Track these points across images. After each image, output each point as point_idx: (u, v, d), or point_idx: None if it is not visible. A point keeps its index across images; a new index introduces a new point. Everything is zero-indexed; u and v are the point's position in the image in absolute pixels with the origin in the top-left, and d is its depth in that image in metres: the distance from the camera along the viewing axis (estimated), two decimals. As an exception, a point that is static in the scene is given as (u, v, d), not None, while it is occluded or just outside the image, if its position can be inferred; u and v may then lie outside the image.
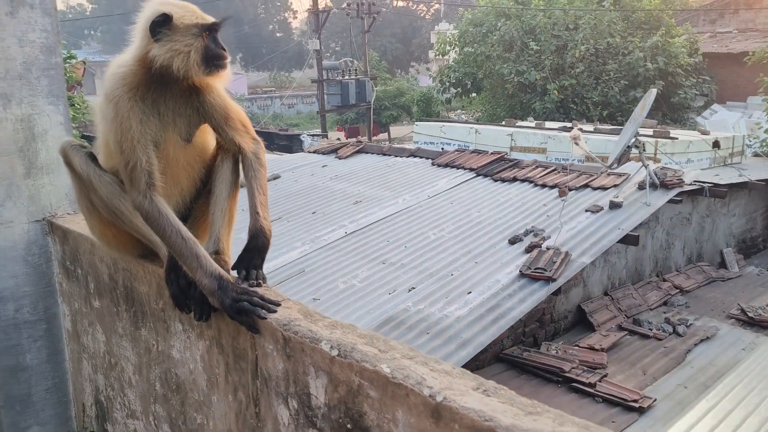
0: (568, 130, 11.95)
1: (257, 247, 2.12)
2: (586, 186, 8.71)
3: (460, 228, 8.00)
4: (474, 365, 6.09)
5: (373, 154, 11.80)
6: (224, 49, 2.11)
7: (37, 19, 2.84)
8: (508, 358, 6.48)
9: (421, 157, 11.10)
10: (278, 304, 1.91)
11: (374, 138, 30.90)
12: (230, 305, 1.92)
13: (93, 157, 2.25)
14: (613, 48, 21.35)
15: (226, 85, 2.21)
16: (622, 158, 8.34)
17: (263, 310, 1.87)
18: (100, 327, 2.77)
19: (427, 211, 8.66)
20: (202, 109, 2.18)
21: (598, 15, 21.51)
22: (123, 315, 2.57)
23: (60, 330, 3.07)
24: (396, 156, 11.41)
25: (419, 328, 5.93)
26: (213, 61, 2.07)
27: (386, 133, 35.87)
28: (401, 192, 9.47)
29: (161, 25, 2.02)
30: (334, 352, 1.62)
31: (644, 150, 8.39)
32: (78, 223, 2.91)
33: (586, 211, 7.95)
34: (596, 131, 11.94)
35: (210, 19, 2.12)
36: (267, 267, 2.29)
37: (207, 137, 2.27)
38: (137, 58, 2.08)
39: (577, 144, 7.88)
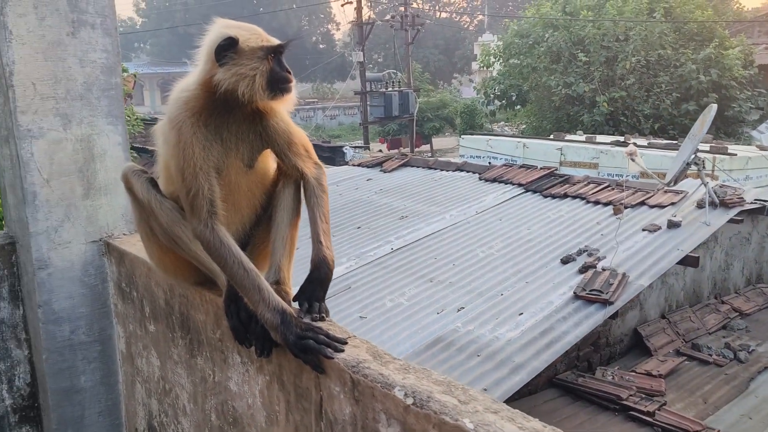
0: (620, 144, 11.62)
1: (320, 278, 2.02)
2: (642, 204, 8.40)
3: (509, 246, 7.80)
4: (527, 390, 5.88)
5: (418, 167, 11.69)
6: (289, 72, 2.04)
7: (98, 39, 2.82)
8: (562, 383, 6.24)
9: (467, 172, 10.94)
10: (345, 342, 1.80)
11: (416, 149, 30.81)
12: (294, 342, 1.81)
13: (154, 183, 2.16)
14: (665, 60, 20.81)
15: (290, 109, 2.14)
16: (680, 175, 8.02)
17: (329, 349, 1.76)
18: (155, 351, 2.71)
19: (474, 228, 8.49)
20: (266, 134, 2.11)
21: (649, 26, 21.02)
22: (178, 342, 2.50)
23: (114, 352, 3.03)
24: (442, 170, 11.27)
25: (469, 350, 5.76)
26: (278, 85, 2.01)
27: (428, 145, 35.75)
28: (448, 207, 9.32)
29: (227, 48, 1.97)
30: (409, 401, 1.50)
31: (704, 167, 8.06)
32: (134, 245, 2.86)
33: (643, 230, 7.65)
34: (650, 146, 11.57)
35: (275, 41, 2.05)
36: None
37: (268, 162, 2.19)
38: (201, 82, 2.01)
39: (633, 160, 7.60)
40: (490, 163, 11.26)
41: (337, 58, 56.44)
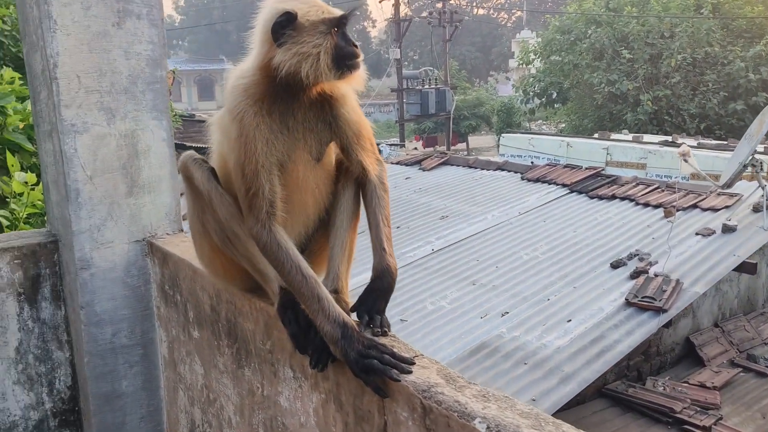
0: (669, 144, 11.20)
1: (382, 288, 1.83)
2: (694, 206, 8.04)
3: (555, 248, 7.53)
4: (574, 400, 5.62)
5: (458, 166, 11.45)
6: (356, 46, 1.80)
7: (143, 30, 2.70)
8: (611, 393, 5.97)
9: (509, 171, 10.66)
10: (412, 363, 1.62)
11: (452, 148, 30.49)
12: (355, 360, 1.64)
13: (215, 174, 1.97)
14: (712, 57, 20.13)
15: (360, 88, 1.91)
16: (736, 178, 7.64)
17: (395, 371, 1.58)
18: (199, 358, 2.58)
19: (518, 229, 8.23)
20: (335, 124, 1.89)
21: (696, 23, 20.35)
22: (224, 350, 2.36)
23: (156, 356, 2.91)
24: (483, 169, 11.01)
25: (515, 357, 5.53)
26: (345, 61, 1.78)
27: (464, 143, 35.39)
28: (490, 207, 9.07)
29: (284, 25, 1.75)
30: (492, 436, 1.31)
31: (762, 169, 7.66)
32: (177, 246, 2.74)
33: (697, 234, 7.31)
34: (700, 146, 11.12)
35: (337, 12, 1.81)
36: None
37: (332, 156, 1.99)
38: (259, 67, 1.81)
39: (686, 161, 7.27)
40: (532, 162, 10.97)
41: (373, 56, 56.33)
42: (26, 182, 4.04)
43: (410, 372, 1.58)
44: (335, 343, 1.68)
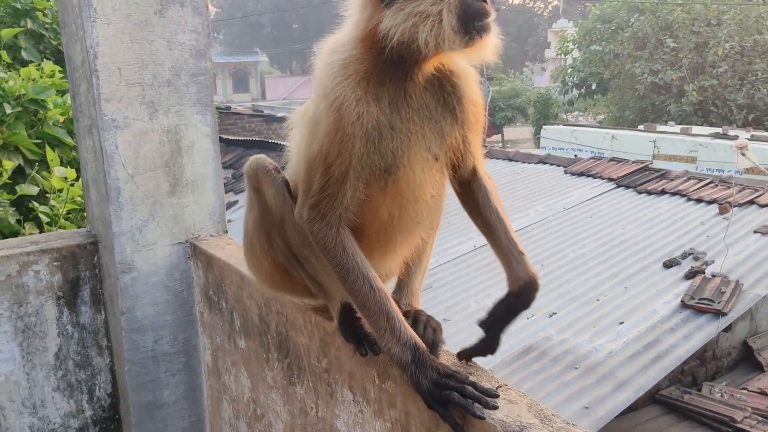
0: (721, 136, 10.71)
1: (524, 304, 1.55)
2: (751, 203, 7.65)
3: (603, 246, 7.23)
4: (627, 407, 5.35)
5: (499, 159, 11.16)
6: (486, 2, 1.40)
7: (187, 18, 2.53)
8: (666, 400, 5.67)
9: (551, 164, 10.34)
10: (496, 396, 1.41)
11: (488, 140, 30.03)
12: (429, 390, 1.42)
13: (289, 188, 1.67)
14: (761, 46, 19.31)
15: (492, 59, 1.47)
16: (799, 172, 7.22)
17: (478, 404, 1.37)
18: (245, 370, 2.41)
19: (563, 225, 7.94)
20: (460, 108, 1.50)
21: (744, 9, 19.54)
22: (274, 364, 2.19)
23: (199, 364, 2.76)
24: (524, 162, 10.71)
25: (565, 361, 5.29)
26: (474, 22, 1.39)
27: (500, 135, 34.84)
28: (533, 202, 8.78)
29: None
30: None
31: (826, 163, 7.23)
32: (222, 249, 2.58)
33: (755, 232, 6.94)
34: (753, 138, 10.62)
35: None
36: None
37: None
38: (360, 38, 1.45)
39: (744, 155, 6.87)
40: (575, 155, 10.61)
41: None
42: (66, 178, 3.95)
43: (496, 407, 1.37)
44: (404, 368, 1.47)
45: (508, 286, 1.59)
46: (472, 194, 1.64)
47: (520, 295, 1.56)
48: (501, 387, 1.47)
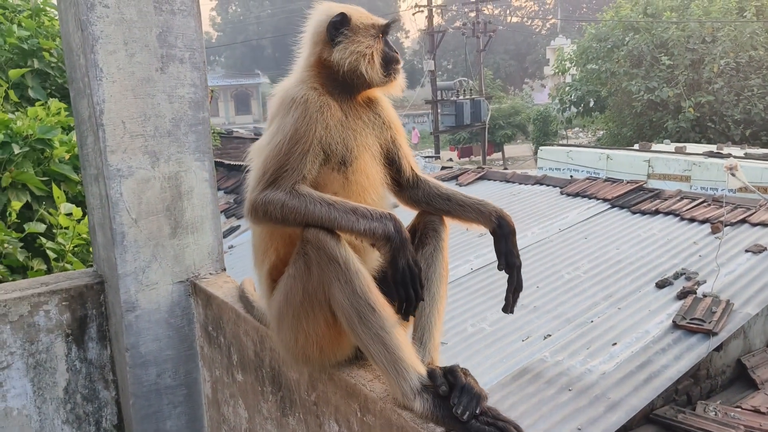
0: (714, 155, 10.88)
1: (507, 229, 1.88)
2: (743, 222, 7.78)
3: (597, 267, 7.37)
4: (621, 427, 5.46)
5: (496, 180, 11.34)
6: (397, 53, 1.94)
7: (186, 74, 2.73)
8: (660, 419, 5.77)
9: (548, 185, 10.51)
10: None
11: (488, 158, 30.26)
12: (402, 270, 1.64)
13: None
14: (756, 61, 19.55)
15: (399, 95, 2.02)
16: (788, 191, 7.36)
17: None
18: (243, 402, 2.57)
19: (558, 247, 8.09)
20: (384, 124, 1.97)
21: (739, 26, 19.81)
22: (269, 397, 2.34)
23: (200, 396, 2.91)
24: (521, 183, 10.88)
25: (559, 382, 5.41)
26: (391, 65, 1.91)
27: (500, 153, 35.09)
28: (529, 224, 8.93)
29: (339, 26, 1.87)
30: None
31: (815, 182, 7.37)
32: (221, 287, 2.75)
33: (747, 251, 7.07)
34: (747, 157, 10.77)
35: (382, 20, 1.94)
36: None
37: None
38: (311, 64, 1.91)
39: (734, 175, 7.03)
40: (571, 176, 10.78)
41: (406, 66, 56.45)
42: (71, 213, 4.13)
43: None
44: (389, 239, 1.65)
45: (487, 227, 1.92)
46: (422, 189, 2.02)
47: (501, 225, 1.88)
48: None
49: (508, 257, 1.85)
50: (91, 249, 3.67)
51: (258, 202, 1.72)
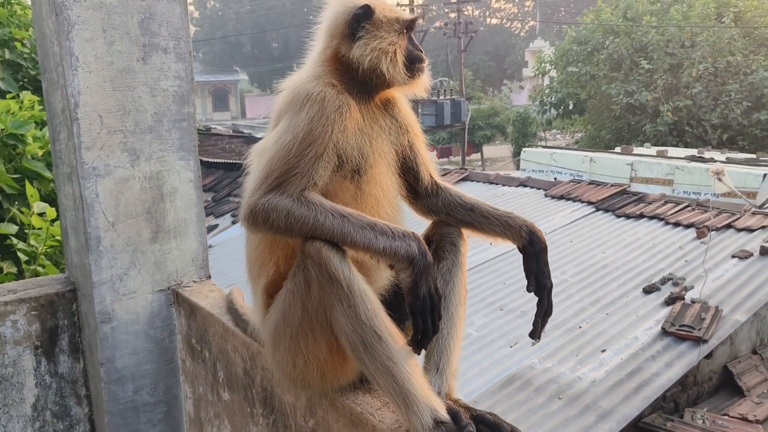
0: (697, 159, 10.90)
1: (539, 245, 1.72)
2: (728, 227, 7.75)
3: (584, 271, 7.28)
4: (610, 436, 5.35)
5: (479, 182, 11.22)
6: (422, 51, 1.76)
7: (170, 65, 2.51)
8: (648, 428, 5.69)
9: (531, 188, 10.41)
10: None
11: (467, 158, 30.23)
12: (423, 297, 1.44)
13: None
14: (734, 67, 19.77)
15: (424, 96, 1.84)
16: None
17: None
18: (229, 423, 2.37)
19: (544, 250, 7.96)
20: (402, 128, 1.78)
21: (717, 32, 20.01)
22: (259, 419, 2.15)
23: (181, 414, 2.71)
24: (504, 185, 10.77)
25: (549, 390, 5.29)
26: (415, 64, 1.73)
27: (479, 153, 35.11)
28: (514, 226, 8.81)
29: (361, 19, 1.67)
30: None
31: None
32: (206, 297, 2.54)
33: (733, 256, 7.03)
34: (729, 161, 10.81)
35: (408, 14, 1.74)
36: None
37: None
38: (325, 59, 1.71)
39: (720, 180, 6.99)
40: (555, 178, 10.70)
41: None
42: (44, 213, 3.88)
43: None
44: (412, 260, 1.46)
45: (515, 243, 1.75)
46: (442, 198, 1.84)
47: (532, 242, 1.71)
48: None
49: (539, 277, 1.68)
50: (64, 262, 3.44)
51: (259, 207, 1.51)
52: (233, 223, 11.72)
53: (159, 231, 2.59)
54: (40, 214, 3.88)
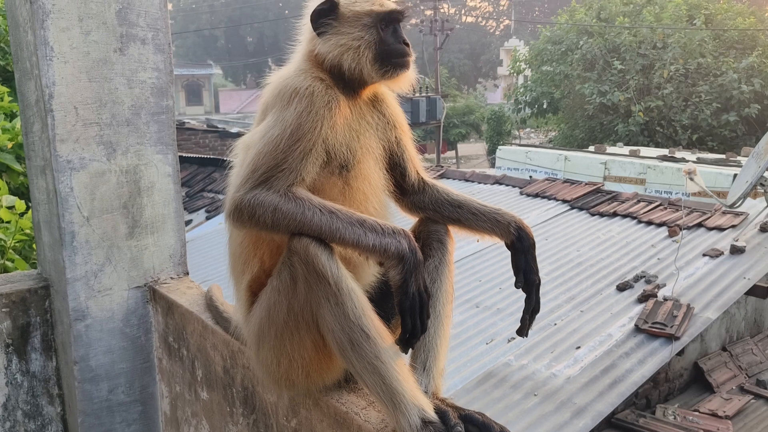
0: (668, 159, 11.08)
1: (527, 241, 1.70)
2: (699, 225, 7.89)
3: (559, 269, 7.33)
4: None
5: (455, 179, 11.24)
6: (407, 44, 1.69)
7: (148, 56, 2.45)
8: (621, 424, 5.76)
9: (507, 185, 10.47)
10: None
11: (441, 156, 30.34)
12: (412, 296, 1.43)
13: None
14: (704, 68, 20.16)
15: (406, 91, 1.78)
16: (745, 196, 7.51)
17: None
18: (207, 423, 2.33)
19: (520, 247, 8.02)
20: (389, 124, 1.76)
21: (689, 34, 20.37)
22: (239, 419, 2.11)
23: (157, 413, 2.65)
24: (480, 183, 10.81)
25: (525, 387, 5.32)
26: (391, 59, 1.66)
27: (453, 151, 35.27)
28: (490, 224, 8.86)
29: (324, 14, 1.64)
30: None
31: (769, 188, 7.53)
32: (184, 294, 2.49)
33: (704, 255, 7.15)
34: (699, 161, 11.01)
35: (388, 5, 1.68)
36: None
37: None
38: (306, 57, 1.70)
39: (692, 179, 7.11)
40: (530, 176, 10.79)
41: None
42: (13, 207, 3.77)
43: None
44: (402, 258, 1.44)
45: (503, 239, 1.74)
46: (429, 194, 1.81)
47: (521, 238, 1.69)
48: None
49: (527, 274, 1.67)
50: (35, 246, 3.35)
51: (244, 202, 1.48)
52: (207, 218, 11.58)
53: (136, 226, 2.53)
54: (9, 207, 3.77)
